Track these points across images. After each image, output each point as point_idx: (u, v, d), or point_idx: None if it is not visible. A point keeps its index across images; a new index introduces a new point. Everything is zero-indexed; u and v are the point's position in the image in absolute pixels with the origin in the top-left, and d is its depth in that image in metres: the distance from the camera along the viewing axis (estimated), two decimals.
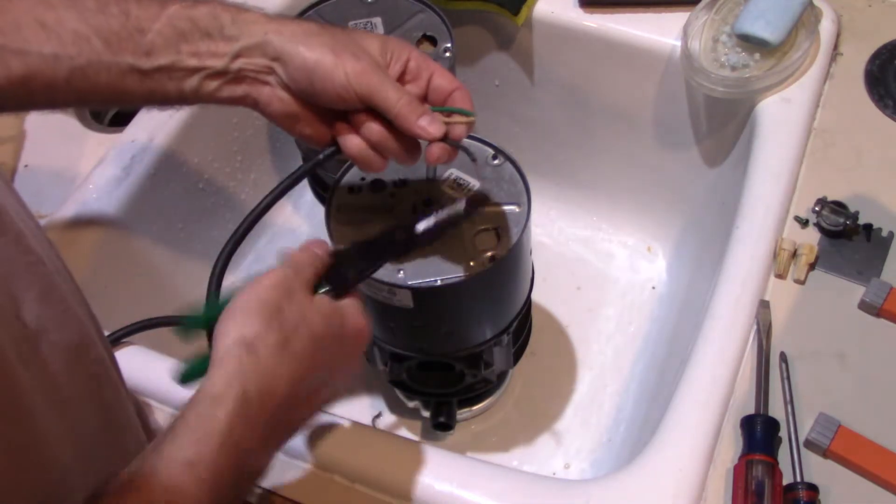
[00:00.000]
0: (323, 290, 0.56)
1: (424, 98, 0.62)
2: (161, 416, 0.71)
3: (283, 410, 0.50)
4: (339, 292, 0.56)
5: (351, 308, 0.56)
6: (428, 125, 0.59)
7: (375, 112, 0.59)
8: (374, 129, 0.60)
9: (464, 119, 0.61)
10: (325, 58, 0.57)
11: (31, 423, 0.44)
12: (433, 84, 0.62)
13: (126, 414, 0.57)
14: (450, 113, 0.61)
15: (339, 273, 0.57)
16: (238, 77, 0.60)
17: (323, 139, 0.63)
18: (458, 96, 0.61)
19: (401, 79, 0.61)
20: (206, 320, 0.54)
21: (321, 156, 0.62)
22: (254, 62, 0.59)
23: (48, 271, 0.48)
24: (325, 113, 0.61)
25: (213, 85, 0.60)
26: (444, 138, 0.60)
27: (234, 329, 0.50)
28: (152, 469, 0.45)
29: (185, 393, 0.71)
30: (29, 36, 0.55)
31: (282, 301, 0.52)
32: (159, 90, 0.60)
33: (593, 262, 1.08)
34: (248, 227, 0.62)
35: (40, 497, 0.45)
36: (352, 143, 0.61)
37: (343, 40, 0.59)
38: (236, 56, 0.59)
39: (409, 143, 0.61)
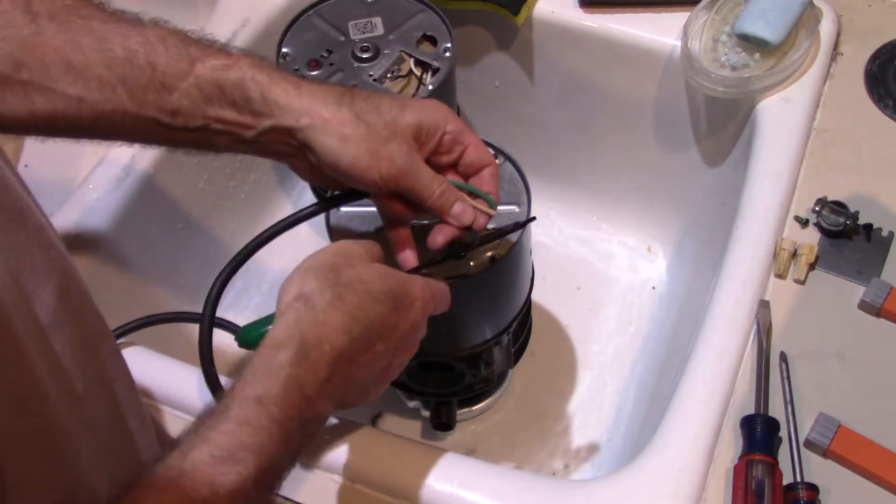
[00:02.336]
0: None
1: (454, 167, 0.63)
2: (162, 416, 0.71)
3: (341, 362, 0.53)
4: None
5: (417, 279, 0.58)
6: (460, 214, 0.60)
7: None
8: (401, 210, 0.62)
9: (487, 209, 0.62)
10: (359, 161, 0.57)
11: (51, 416, 0.45)
12: (465, 158, 0.62)
13: (138, 410, 0.57)
14: (473, 194, 0.62)
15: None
16: (267, 149, 0.60)
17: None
18: (486, 175, 0.62)
19: (435, 151, 0.61)
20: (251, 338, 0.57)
21: (340, 201, 0.64)
22: (283, 140, 0.59)
23: (68, 265, 0.49)
24: None
25: (241, 147, 0.60)
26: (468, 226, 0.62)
27: (293, 287, 0.54)
28: (226, 406, 0.48)
29: (184, 394, 0.71)
30: (55, 75, 0.55)
31: (340, 264, 0.55)
32: (186, 141, 0.60)
33: (593, 262, 1.08)
34: (249, 254, 0.62)
35: (64, 490, 0.45)
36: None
37: (380, 134, 0.58)
38: (265, 133, 0.58)
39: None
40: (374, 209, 0.71)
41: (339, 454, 0.67)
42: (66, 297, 0.48)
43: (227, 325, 0.75)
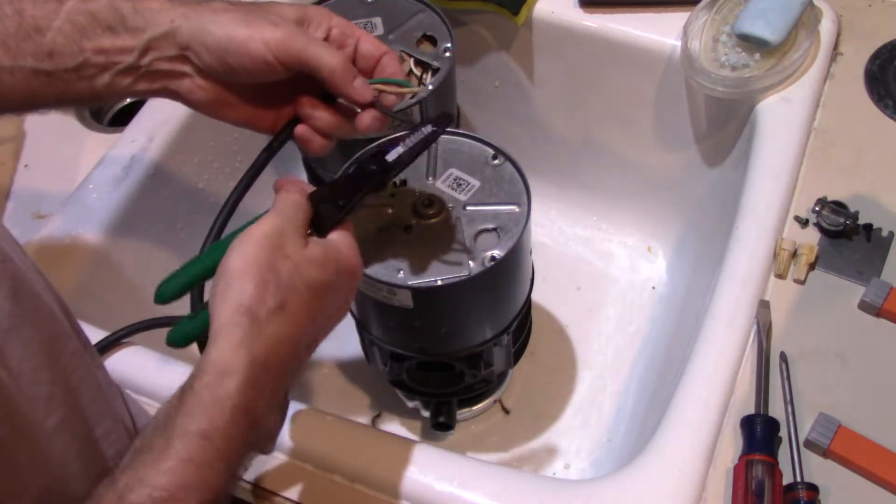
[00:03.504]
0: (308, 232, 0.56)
1: (353, 64, 0.61)
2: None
3: (287, 369, 0.51)
4: (325, 232, 0.56)
5: (343, 245, 0.56)
6: (362, 87, 0.58)
7: (304, 86, 0.59)
8: (306, 102, 0.59)
9: (397, 89, 0.60)
10: (236, 32, 0.56)
11: (19, 422, 0.44)
12: (360, 51, 0.60)
13: (109, 413, 0.56)
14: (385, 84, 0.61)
15: (322, 213, 0.56)
16: (152, 71, 0.58)
17: (254, 122, 0.61)
18: (386, 61, 0.61)
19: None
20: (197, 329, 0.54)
21: (274, 143, 0.62)
22: (165, 53, 0.57)
23: (17, 268, 0.48)
24: (252, 94, 0.60)
25: (126, 81, 0.58)
26: (374, 105, 0.59)
27: (231, 296, 0.49)
28: (167, 441, 0.46)
29: None
30: None
31: (275, 258, 0.51)
32: (69, 90, 0.58)
33: (593, 262, 1.08)
34: (221, 229, 0.60)
35: (41, 494, 0.45)
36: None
37: (256, 12, 0.57)
38: (145, 50, 0.57)
39: (343, 113, 0.60)
40: (375, 208, 0.71)
41: (339, 454, 0.67)
42: (18, 300, 0.46)
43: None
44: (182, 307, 0.95)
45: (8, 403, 0.43)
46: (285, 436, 0.67)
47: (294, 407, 0.69)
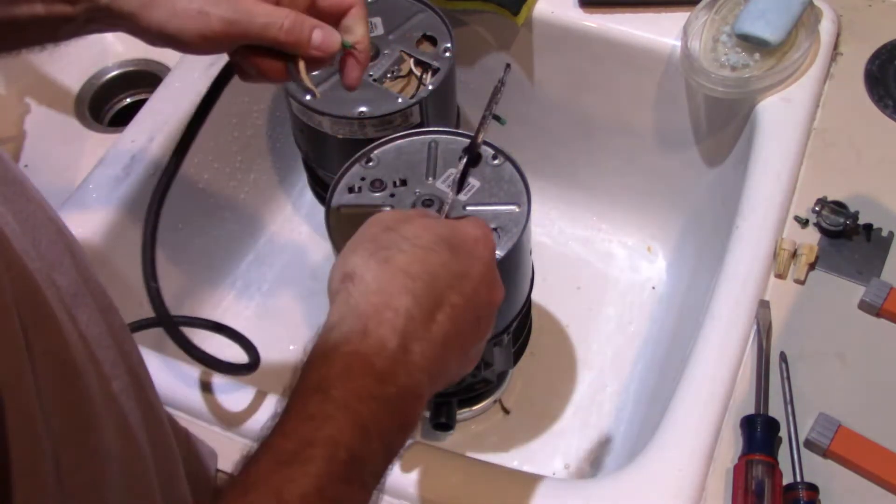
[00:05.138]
0: None
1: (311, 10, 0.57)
2: None
3: (414, 324, 0.47)
4: None
5: (465, 218, 0.54)
6: (322, 42, 0.55)
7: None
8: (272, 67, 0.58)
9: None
10: (169, 25, 0.54)
11: (84, 389, 0.44)
12: (320, 6, 0.57)
13: (152, 383, 0.57)
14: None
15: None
16: (91, 29, 0.57)
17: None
18: (354, 15, 0.58)
19: (278, 2, 0.56)
20: None
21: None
22: (104, 22, 0.56)
23: (71, 239, 0.49)
24: None
25: (58, 36, 0.57)
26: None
27: (336, 273, 0.49)
28: (287, 405, 0.45)
29: (184, 393, 0.71)
30: None
31: (378, 232, 0.50)
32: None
33: (593, 262, 1.08)
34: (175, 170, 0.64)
35: (90, 460, 0.45)
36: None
37: None
38: (83, 24, 0.56)
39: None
40: (377, 207, 0.71)
41: None
42: (78, 268, 0.47)
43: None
44: (178, 307, 0.95)
45: (75, 368, 0.43)
46: None
47: None
